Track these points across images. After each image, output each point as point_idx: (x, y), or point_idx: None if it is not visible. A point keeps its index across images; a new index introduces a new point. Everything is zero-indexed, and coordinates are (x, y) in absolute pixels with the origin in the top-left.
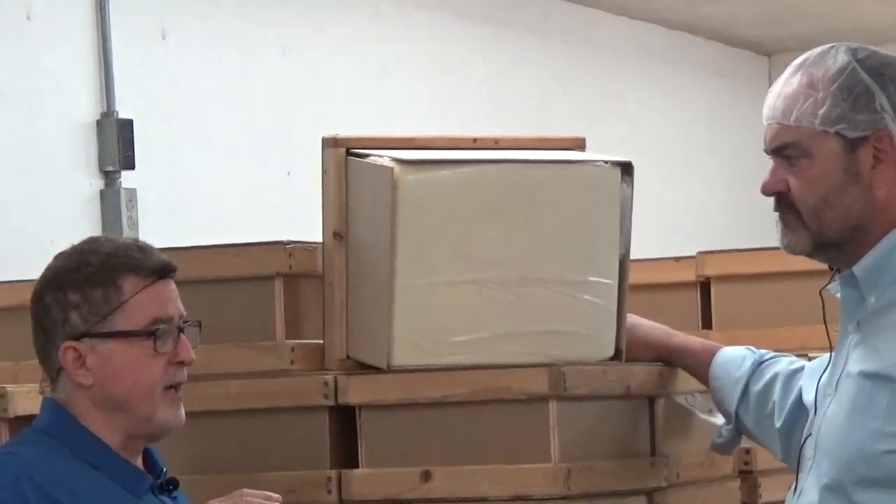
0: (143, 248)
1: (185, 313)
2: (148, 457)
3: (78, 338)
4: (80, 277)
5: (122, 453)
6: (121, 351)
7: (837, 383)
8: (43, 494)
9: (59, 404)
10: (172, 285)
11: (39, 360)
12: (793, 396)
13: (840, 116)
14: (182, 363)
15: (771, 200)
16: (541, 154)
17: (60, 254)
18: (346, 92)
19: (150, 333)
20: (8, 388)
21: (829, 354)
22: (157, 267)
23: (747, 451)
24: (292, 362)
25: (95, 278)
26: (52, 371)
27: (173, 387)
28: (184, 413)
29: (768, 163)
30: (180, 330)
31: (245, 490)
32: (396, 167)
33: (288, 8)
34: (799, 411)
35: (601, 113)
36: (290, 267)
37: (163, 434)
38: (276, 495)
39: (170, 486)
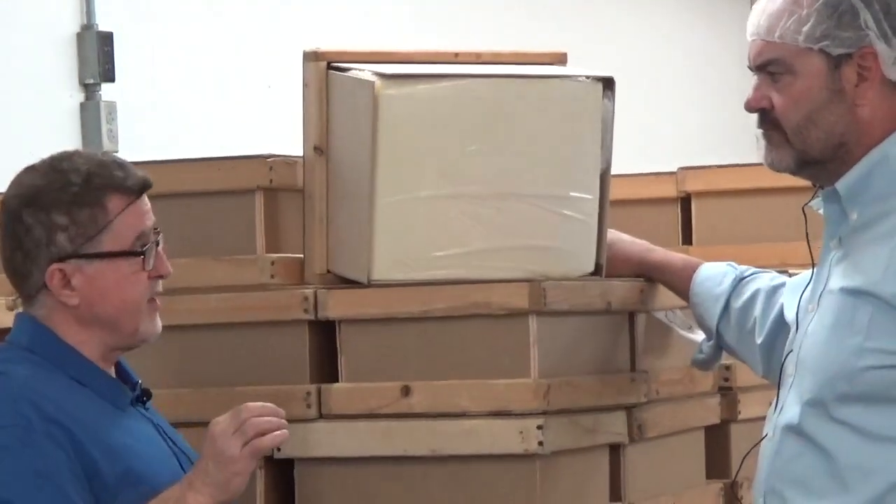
0: (123, 165)
1: (155, 222)
2: (120, 369)
3: (64, 259)
4: (66, 198)
5: (100, 366)
6: (108, 270)
7: (819, 299)
8: (42, 414)
9: (38, 321)
10: (146, 199)
11: (15, 278)
12: (774, 312)
13: (824, 33)
14: (161, 276)
15: (754, 117)
16: (522, 69)
17: (33, 169)
18: (328, 4)
19: (138, 252)
20: None
21: (810, 271)
22: (139, 185)
23: (727, 368)
24: (272, 276)
25: (81, 199)
26: (31, 289)
27: (154, 299)
28: (160, 323)
29: (752, 79)
30: (156, 244)
31: (248, 405)
32: (378, 81)
33: None
34: (780, 327)
35: (583, 28)
36: (271, 181)
37: (141, 344)
38: (279, 410)
39: (144, 397)
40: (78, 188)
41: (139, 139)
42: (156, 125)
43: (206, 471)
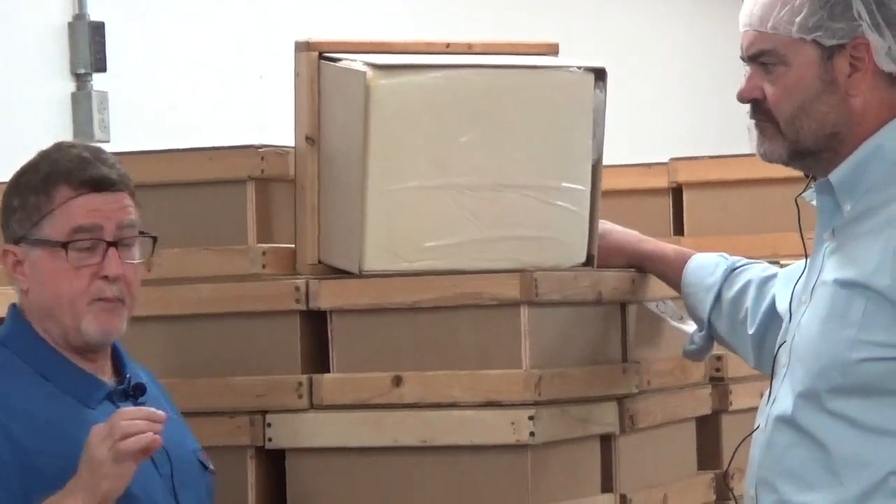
0: (85, 160)
1: (129, 225)
2: (117, 360)
3: (16, 242)
4: (25, 183)
5: (78, 360)
6: (44, 259)
7: (813, 291)
8: None
9: (18, 311)
10: (113, 198)
11: None
12: (766, 303)
13: (817, 24)
14: (107, 277)
15: (745, 107)
16: (514, 59)
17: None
18: None
19: (64, 244)
20: None
21: (803, 262)
22: (87, 179)
23: (718, 359)
24: (264, 266)
25: (36, 186)
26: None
27: (103, 300)
28: (120, 324)
29: (744, 69)
30: (111, 243)
31: (122, 410)
32: (369, 71)
33: None
34: (772, 318)
35: (575, 18)
36: (262, 171)
37: (96, 346)
38: (157, 414)
39: (135, 392)
40: (37, 176)
41: (131, 129)
42: (147, 115)
43: (80, 475)
